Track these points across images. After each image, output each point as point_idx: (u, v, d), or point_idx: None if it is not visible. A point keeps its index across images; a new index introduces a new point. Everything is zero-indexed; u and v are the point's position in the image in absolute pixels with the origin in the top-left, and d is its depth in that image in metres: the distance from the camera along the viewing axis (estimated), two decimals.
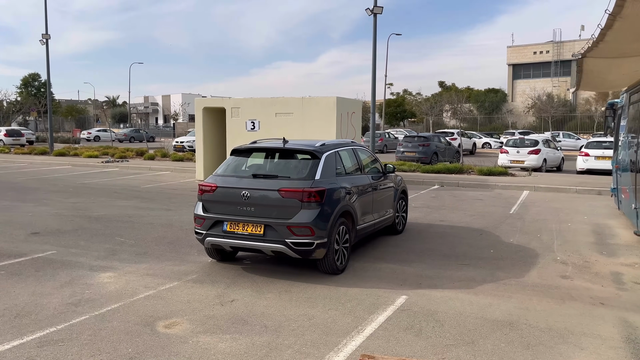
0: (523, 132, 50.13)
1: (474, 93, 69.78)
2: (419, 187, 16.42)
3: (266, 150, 7.40)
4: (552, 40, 67.15)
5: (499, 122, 62.77)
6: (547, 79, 66.27)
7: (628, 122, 10.62)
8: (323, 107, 16.28)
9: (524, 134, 49.19)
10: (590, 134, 48.94)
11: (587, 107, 58.27)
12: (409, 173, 20.07)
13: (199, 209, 6.99)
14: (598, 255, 8.03)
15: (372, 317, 5.30)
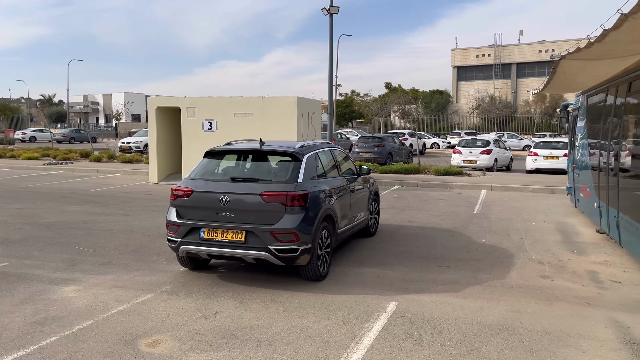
0: (468, 133, 51.71)
1: (420, 94, 71.28)
2: (380, 188, 16.37)
3: (243, 152, 7.05)
4: (493, 44, 69.58)
5: (445, 123, 64.39)
6: (490, 81, 68.60)
7: (586, 124, 10.97)
8: (284, 107, 15.97)
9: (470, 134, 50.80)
10: (530, 134, 51.02)
11: (527, 108, 60.72)
12: None
13: (172, 215, 6.56)
14: (569, 254, 8.18)
15: (368, 326, 5.09)
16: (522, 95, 66.19)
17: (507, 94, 66.71)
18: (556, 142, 22.92)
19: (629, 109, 7.70)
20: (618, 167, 7.96)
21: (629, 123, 7.66)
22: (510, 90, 67.68)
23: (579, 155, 11.60)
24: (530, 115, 58.53)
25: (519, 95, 67.12)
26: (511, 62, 68.22)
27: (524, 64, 67.93)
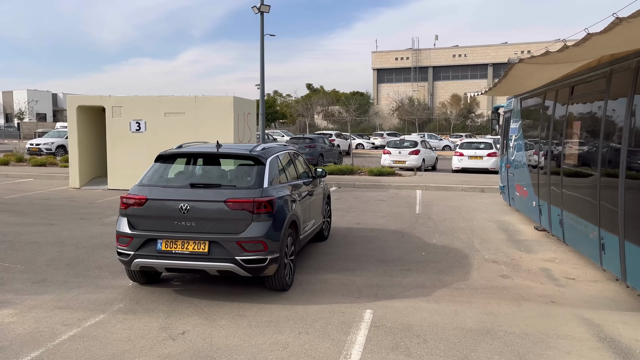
0: (390, 134, 53.14)
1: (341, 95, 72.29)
2: None
3: (200, 156, 6.57)
4: (411, 47, 72.00)
5: (367, 124, 65.75)
6: (408, 83, 70.92)
7: (522, 126, 11.43)
8: (219, 107, 15.38)
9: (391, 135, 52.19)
10: (448, 134, 53.29)
11: (443, 110, 63.40)
12: None
13: (123, 225, 5.95)
14: (518, 252, 8.43)
15: (350, 339, 4.86)
16: (438, 98, 69.06)
17: (424, 96, 69.27)
18: (479, 142, 23.97)
19: (572, 112, 8.05)
20: (562, 168, 8.30)
21: (572, 126, 8.00)
22: (428, 92, 70.34)
23: (513, 156, 12.07)
24: (447, 117, 61.14)
25: (436, 97, 69.95)
26: (428, 66, 70.94)
27: (439, 67, 70.89)
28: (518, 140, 11.68)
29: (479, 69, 69.00)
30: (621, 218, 5.96)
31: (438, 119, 62.08)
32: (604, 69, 6.79)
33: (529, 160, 10.65)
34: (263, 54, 21.70)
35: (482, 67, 68.66)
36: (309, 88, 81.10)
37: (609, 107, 6.56)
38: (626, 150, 5.91)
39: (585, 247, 7.39)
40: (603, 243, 6.63)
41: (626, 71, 6.10)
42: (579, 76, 7.69)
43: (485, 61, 68.18)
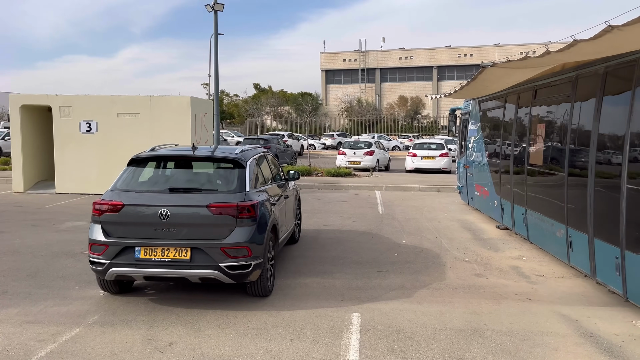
0: (340, 134, 53.59)
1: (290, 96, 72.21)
2: None
3: (176, 159, 6.34)
4: (358, 49, 72.83)
5: (316, 125, 66.00)
6: (356, 84, 71.69)
7: (482, 128, 11.75)
8: (175, 107, 14.96)
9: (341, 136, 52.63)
10: (396, 135, 54.29)
11: (390, 111, 64.55)
12: None
13: (96, 233, 5.65)
14: (486, 250, 8.66)
15: (344, 344, 4.81)
16: (386, 99, 70.22)
17: (372, 97, 70.25)
18: (431, 143, 24.52)
19: (536, 115, 8.35)
20: (526, 169, 8.60)
21: (536, 128, 8.30)
22: (375, 93, 71.38)
23: (472, 157, 12.41)
24: (394, 118, 62.28)
25: (383, 98, 71.08)
26: (375, 67, 71.99)
27: (386, 69, 72.11)
28: (478, 141, 12.01)
29: (424, 71, 70.70)
30: (590, 217, 6.22)
31: (386, 120, 63.13)
32: (569, 74, 7.08)
33: (490, 161, 10.97)
34: (217, 54, 21.31)
35: (428, 69, 70.41)
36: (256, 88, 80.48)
37: (575, 110, 6.84)
38: (595, 152, 6.18)
39: (552, 245, 7.68)
40: (571, 241, 6.90)
41: (593, 76, 6.38)
42: (543, 80, 7.99)
43: (431, 64, 69.95)
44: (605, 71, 6.07)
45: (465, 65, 68.45)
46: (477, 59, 67.93)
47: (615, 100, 5.94)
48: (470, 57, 68.29)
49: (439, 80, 70.09)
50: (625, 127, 5.47)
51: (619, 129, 5.68)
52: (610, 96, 6.01)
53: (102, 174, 15.00)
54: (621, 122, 5.58)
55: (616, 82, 5.92)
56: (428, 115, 65.70)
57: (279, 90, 75.68)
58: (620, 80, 5.84)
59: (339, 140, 51.46)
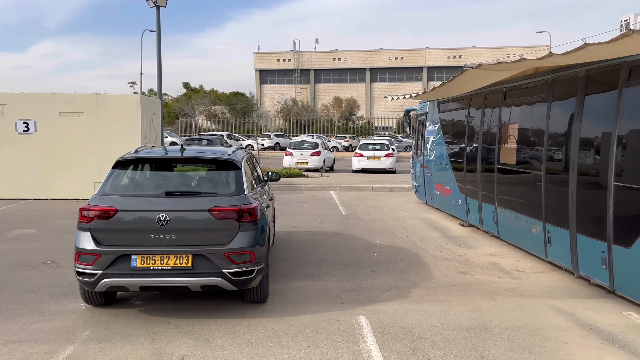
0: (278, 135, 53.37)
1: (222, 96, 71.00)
2: None
3: (167, 160, 5.98)
4: (292, 50, 72.85)
5: (251, 125, 65.39)
6: (291, 85, 71.69)
7: (443, 129, 12.04)
8: (124, 106, 14.21)
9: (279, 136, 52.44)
10: (332, 135, 54.79)
11: (326, 112, 65.08)
12: None
13: (85, 241, 5.21)
14: (460, 248, 8.87)
15: (363, 348, 4.73)
16: (320, 100, 70.71)
17: (307, 98, 70.49)
18: (376, 143, 24.92)
19: (508, 116, 8.66)
20: (496, 169, 8.89)
21: (508, 129, 8.60)
22: (310, 94, 71.69)
23: (432, 157, 12.70)
24: (330, 119, 62.85)
25: (318, 99, 71.53)
26: (309, 68, 72.31)
27: (320, 70, 72.62)
28: (437, 142, 12.31)
29: (357, 72, 71.86)
30: (573, 215, 6.52)
31: (322, 120, 63.57)
32: (544, 77, 7.39)
33: (453, 161, 11.27)
34: (160, 52, 20.43)
35: (361, 71, 71.63)
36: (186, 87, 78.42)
37: (553, 110, 7.15)
38: (577, 153, 6.48)
39: (526, 241, 7.98)
40: (549, 237, 7.21)
41: (572, 79, 6.69)
42: (514, 82, 8.29)
43: (364, 65, 71.22)
44: (586, 74, 6.39)
45: (397, 67, 70.32)
46: (408, 62, 70.05)
47: (597, 99, 6.25)
48: (401, 59, 70.21)
49: (371, 82, 71.51)
50: (612, 127, 5.77)
51: (604, 127, 5.97)
52: (590, 95, 6.33)
53: (44, 177, 14.02)
54: (607, 121, 5.88)
55: (596, 85, 6.25)
56: (362, 116, 66.84)
57: (210, 90, 74.24)
58: (600, 83, 6.17)
59: (276, 140, 51.29)
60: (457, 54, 69.52)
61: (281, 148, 51.43)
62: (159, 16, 20.40)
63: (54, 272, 7.15)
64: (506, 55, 68.78)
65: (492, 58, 69.27)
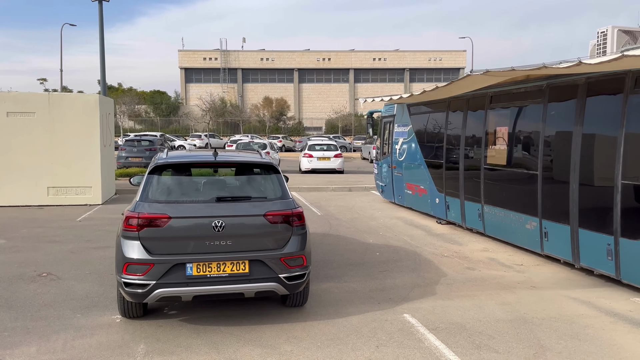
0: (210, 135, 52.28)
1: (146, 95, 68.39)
2: None
3: (210, 165, 5.80)
4: (219, 48, 71.52)
5: (177, 125, 63.51)
6: (218, 84, 70.28)
7: (417, 131, 12.45)
8: (81, 107, 13.43)
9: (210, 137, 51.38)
10: (266, 135, 54.50)
11: (256, 112, 64.56)
12: None
13: (134, 251, 4.96)
14: (451, 245, 9.29)
15: (429, 345, 4.90)
16: (249, 99, 69.99)
17: (235, 97, 69.51)
18: (323, 144, 25.19)
19: (496, 118, 9.19)
20: (483, 170, 9.40)
21: (497, 131, 9.12)
22: (238, 94, 70.74)
23: (403, 158, 13.10)
24: (260, 119, 62.43)
25: (246, 99, 70.74)
26: (237, 68, 71.32)
27: (248, 70, 71.85)
28: (409, 143, 12.73)
29: (285, 73, 71.87)
30: (575, 212, 7.09)
31: (252, 120, 62.99)
32: (537, 83, 7.94)
33: (430, 162, 11.70)
34: (103, 48, 19.45)
35: (289, 71, 71.70)
36: None
37: (549, 114, 7.70)
38: (579, 155, 7.04)
39: (518, 236, 8.52)
40: (546, 232, 7.77)
41: (571, 85, 7.26)
42: (502, 87, 8.82)
43: (292, 66, 71.34)
44: (586, 82, 6.97)
45: (325, 69, 71.16)
46: (335, 63, 71.15)
47: (601, 103, 6.84)
48: (328, 61, 71.12)
49: (300, 83, 71.83)
50: (619, 128, 6.35)
51: (610, 129, 6.55)
52: (593, 100, 6.90)
53: None
54: (613, 123, 6.45)
55: (599, 91, 6.84)
56: (293, 116, 67.00)
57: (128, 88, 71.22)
58: (604, 90, 6.76)
59: (207, 141, 50.23)
60: (382, 56, 71.58)
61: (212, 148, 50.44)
62: (101, 11, 19.44)
63: (58, 285, 6.70)
64: (427, 59, 72.05)
65: (414, 61, 72.26)
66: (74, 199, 13.49)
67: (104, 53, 19.36)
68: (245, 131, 58.36)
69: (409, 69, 71.62)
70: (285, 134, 56.18)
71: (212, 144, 50.92)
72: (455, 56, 72.01)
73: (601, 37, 8.52)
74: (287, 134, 57.44)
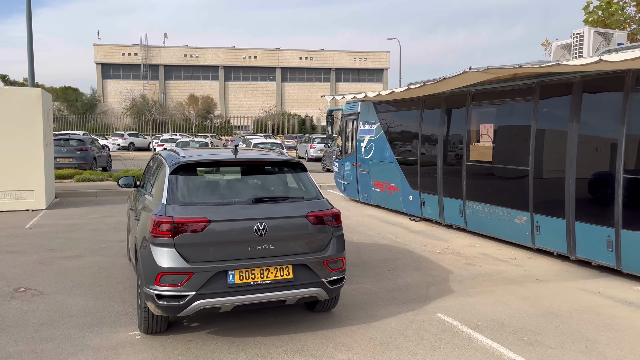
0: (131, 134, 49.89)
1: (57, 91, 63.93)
2: None
3: (228, 164, 5.34)
4: (139, 43, 68.39)
5: (95, 123, 60.10)
6: (139, 81, 67.19)
7: (386, 128, 12.44)
8: (20, 102, 12.16)
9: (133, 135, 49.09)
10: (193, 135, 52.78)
11: (180, 110, 62.41)
12: (97, 183, 17.26)
13: (169, 259, 4.44)
14: (437, 241, 9.34)
15: (482, 344, 4.80)
16: (172, 97, 67.48)
17: (157, 95, 66.78)
18: (266, 143, 24.70)
19: (478, 116, 9.35)
20: (465, 166, 9.55)
21: (480, 128, 9.28)
22: (160, 91, 68.02)
23: (369, 156, 13.06)
24: (185, 117, 60.43)
25: (169, 96, 68.17)
26: (159, 64, 68.54)
27: (171, 67, 69.29)
28: (377, 141, 12.69)
29: (210, 70, 70.02)
30: (571, 206, 7.34)
31: (177, 119, 60.80)
32: (526, 81, 8.16)
33: (402, 160, 11.73)
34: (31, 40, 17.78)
35: (214, 68, 69.92)
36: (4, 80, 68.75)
37: (540, 112, 7.92)
38: (576, 152, 7.29)
39: (507, 231, 8.71)
40: (538, 226, 8.01)
41: (565, 84, 7.51)
42: (486, 85, 8.99)
43: (217, 63, 69.64)
44: (582, 80, 7.23)
45: (251, 67, 70.20)
46: (262, 62, 70.40)
47: (599, 101, 7.11)
48: (255, 59, 70.19)
49: (225, 80, 70.34)
50: (619, 125, 6.63)
51: (611, 126, 6.82)
52: (591, 97, 7.17)
53: None
54: (614, 120, 6.72)
55: (597, 89, 7.12)
56: (220, 115, 65.48)
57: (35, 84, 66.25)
58: (602, 87, 7.05)
59: (130, 140, 47.95)
60: (309, 55, 71.77)
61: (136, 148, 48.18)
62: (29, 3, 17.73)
63: (45, 301, 5.94)
64: (352, 59, 73.15)
65: (340, 61, 73.12)
66: (14, 204, 12.20)
67: (32, 46, 17.69)
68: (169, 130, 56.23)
69: (335, 69, 72.37)
70: (213, 133, 54.74)
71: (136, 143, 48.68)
72: (380, 57, 73.75)
73: (578, 39, 8.91)
74: (215, 133, 56.01)
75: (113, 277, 6.89)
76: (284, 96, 71.15)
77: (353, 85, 72.34)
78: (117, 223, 10.79)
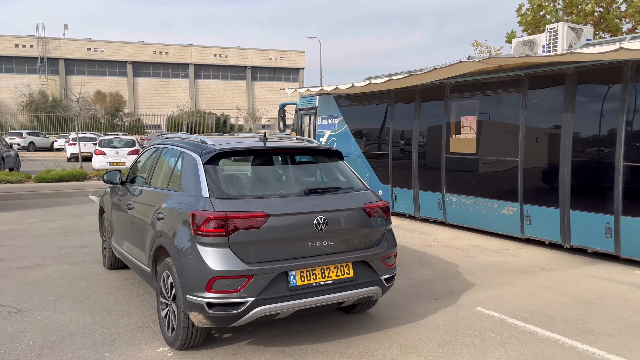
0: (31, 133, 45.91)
1: None
2: (73, 200, 13.06)
3: (277, 151, 4.73)
4: (35, 35, 62.94)
5: None
6: (35, 75, 61.84)
7: (350, 122, 12.13)
8: None
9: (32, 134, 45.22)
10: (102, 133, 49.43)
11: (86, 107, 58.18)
12: (16, 185, 15.45)
13: (225, 261, 3.78)
14: (422, 235, 9.17)
15: (548, 337, 4.61)
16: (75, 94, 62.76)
17: (57, 90, 61.78)
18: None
19: (458, 108, 9.32)
20: (444, 159, 9.50)
21: (462, 120, 9.24)
22: (61, 87, 62.99)
23: None
24: (92, 114, 56.47)
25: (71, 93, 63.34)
26: (59, 57, 63.48)
27: (72, 61, 64.44)
28: (340, 136, 12.34)
29: (118, 65, 65.98)
30: (567, 195, 7.47)
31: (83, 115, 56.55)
32: (513, 73, 8.22)
33: (371, 155, 11.48)
34: None
35: (122, 64, 65.93)
36: None
37: (530, 103, 8.00)
38: (571, 142, 7.42)
39: (492, 222, 8.74)
40: (528, 216, 8.09)
41: (557, 75, 7.63)
42: (462, 78, 8.97)
43: (125, 58, 65.75)
44: (576, 71, 7.38)
45: (162, 63, 67.18)
46: (174, 58, 67.64)
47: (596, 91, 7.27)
48: (166, 54, 67.19)
49: (134, 77, 66.68)
50: (619, 114, 6.80)
51: (610, 115, 6.99)
52: (586, 88, 7.31)
53: None
54: (612, 109, 6.90)
55: (593, 79, 7.27)
56: (130, 113, 61.93)
57: None
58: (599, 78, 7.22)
59: (30, 140, 44.16)
60: (223, 52, 70.01)
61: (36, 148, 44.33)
62: None
63: (30, 319, 4.97)
64: (268, 57, 72.38)
65: (255, 59, 72.07)
66: None
67: None
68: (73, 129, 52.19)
69: (251, 67, 71.26)
70: (124, 131, 51.62)
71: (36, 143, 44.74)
72: (295, 56, 73.70)
73: (552, 33, 9.16)
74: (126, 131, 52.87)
75: (97, 288, 5.95)
76: (198, 94, 68.83)
77: (270, 84, 71.72)
78: (64, 227, 9.56)
